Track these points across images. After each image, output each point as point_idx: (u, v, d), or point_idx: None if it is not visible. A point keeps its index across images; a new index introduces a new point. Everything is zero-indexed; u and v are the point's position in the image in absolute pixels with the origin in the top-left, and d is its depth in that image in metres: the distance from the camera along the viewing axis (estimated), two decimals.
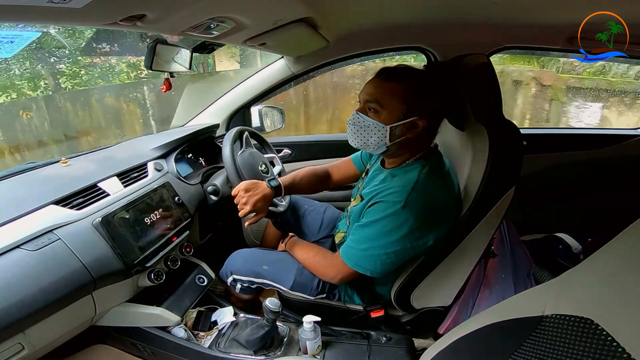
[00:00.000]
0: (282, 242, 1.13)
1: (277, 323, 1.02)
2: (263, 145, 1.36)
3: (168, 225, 1.03)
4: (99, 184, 0.95)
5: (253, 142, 1.28)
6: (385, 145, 0.87)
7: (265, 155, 1.30)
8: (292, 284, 1.03)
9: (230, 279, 1.12)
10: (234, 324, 1.10)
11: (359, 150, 0.93)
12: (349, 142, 0.91)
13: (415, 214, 0.81)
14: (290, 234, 1.12)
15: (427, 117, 0.83)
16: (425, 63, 1.40)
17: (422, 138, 0.88)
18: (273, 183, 1.01)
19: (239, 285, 1.11)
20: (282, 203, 1.17)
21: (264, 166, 1.19)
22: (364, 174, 1.07)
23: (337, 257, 0.92)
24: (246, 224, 0.98)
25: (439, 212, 0.86)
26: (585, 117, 3.38)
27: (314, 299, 1.03)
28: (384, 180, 0.90)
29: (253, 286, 1.09)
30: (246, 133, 1.24)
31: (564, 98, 3.46)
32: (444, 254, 0.92)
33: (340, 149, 1.55)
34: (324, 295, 1.03)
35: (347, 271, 0.90)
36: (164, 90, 1.16)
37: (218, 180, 1.20)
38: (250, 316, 1.13)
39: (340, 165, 1.23)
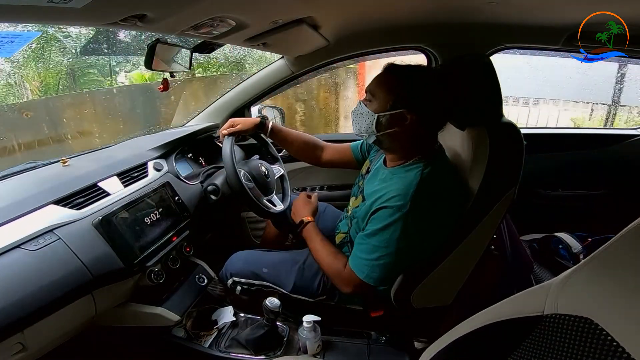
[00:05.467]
0: (297, 217, 1.06)
1: (277, 323, 1.03)
2: (265, 147, 1.36)
3: (168, 225, 1.03)
4: (99, 184, 0.95)
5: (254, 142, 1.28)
6: (374, 134, 0.88)
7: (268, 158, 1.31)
8: (292, 287, 1.03)
9: (230, 281, 1.12)
10: (234, 324, 1.10)
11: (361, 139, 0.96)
12: (353, 131, 0.94)
13: (420, 217, 0.82)
14: (309, 218, 1.06)
15: (417, 113, 0.84)
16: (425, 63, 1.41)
17: (416, 135, 0.87)
18: (262, 115, 1.11)
19: (239, 287, 1.11)
20: (280, 207, 1.17)
21: (263, 168, 1.19)
22: (365, 172, 1.07)
23: (351, 273, 0.89)
24: (222, 131, 1.12)
25: (443, 212, 0.87)
26: None
27: (314, 301, 1.03)
28: (384, 180, 0.90)
29: (253, 288, 1.09)
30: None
31: None
32: (444, 254, 0.92)
33: None
34: (325, 297, 1.03)
35: (360, 284, 0.88)
36: (161, 90, 1.15)
37: (218, 180, 1.20)
38: (250, 316, 1.13)
39: (338, 147, 1.24)
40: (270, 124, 1.18)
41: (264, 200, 1.12)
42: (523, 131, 0.94)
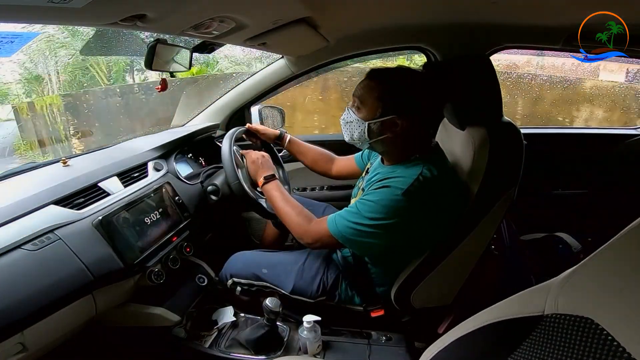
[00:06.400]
0: (260, 179, 1.03)
1: (277, 323, 1.03)
2: (265, 147, 1.36)
3: (168, 225, 1.03)
4: (99, 184, 0.95)
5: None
6: (367, 142, 0.89)
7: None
8: (292, 288, 1.03)
9: (230, 282, 1.12)
10: (234, 324, 1.10)
11: (352, 145, 0.95)
12: (344, 138, 0.94)
13: (414, 205, 0.81)
14: (273, 174, 1.05)
15: (407, 118, 0.83)
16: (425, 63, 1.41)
17: (410, 137, 0.86)
18: (281, 129, 1.22)
19: (239, 288, 1.11)
20: None
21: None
22: (364, 173, 1.07)
23: (321, 223, 0.89)
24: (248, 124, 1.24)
25: (438, 210, 0.86)
26: None
27: (314, 301, 1.03)
28: (385, 173, 0.90)
29: (253, 289, 1.09)
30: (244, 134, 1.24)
31: None
32: (444, 254, 0.92)
33: (340, 149, 1.55)
34: (325, 298, 1.03)
35: (329, 240, 0.87)
36: (159, 90, 1.15)
37: (218, 180, 1.20)
38: (250, 316, 1.13)
39: (345, 160, 1.27)
40: (289, 137, 1.25)
41: (264, 200, 1.12)
42: (523, 131, 0.94)
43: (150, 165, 1.13)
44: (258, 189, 1.08)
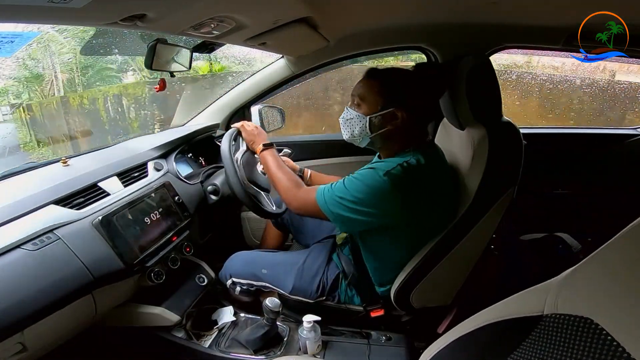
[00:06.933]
0: (259, 147, 1.08)
1: (277, 323, 1.03)
2: None
3: (168, 225, 1.03)
4: (99, 184, 0.95)
5: None
6: (368, 136, 0.90)
7: None
8: (292, 288, 1.03)
9: (229, 282, 1.12)
10: (234, 324, 1.10)
11: (352, 144, 0.97)
12: (343, 137, 0.95)
13: (396, 188, 0.82)
14: (271, 142, 1.09)
15: (406, 109, 0.87)
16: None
17: (408, 130, 0.89)
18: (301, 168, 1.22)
19: (238, 288, 1.11)
20: (281, 208, 1.17)
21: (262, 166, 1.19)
22: None
23: (310, 192, 0.92)
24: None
25: (423, 200, 0.87)
26: None
27: (313, 301, 1.03)
28: (377, 160, 0.94)
29: (252, 289, 1.09)
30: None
31: None
32: (444, 253, 0.92)
33: (341, 148, 1.55)
34: (324, 298, 1.03)
35: (314, 209, 0.90)
36: (157, 90, 1.15)
37: (218, 180, 1.20)
38: (250, 316, 1.13)
39: None
40: (309, 172, 1.26)
41: (264, 201, 1.12)
42: (523, 131, 0.94)
43: (150, 165, 1.13)
44: (256, 155, 1.11)
